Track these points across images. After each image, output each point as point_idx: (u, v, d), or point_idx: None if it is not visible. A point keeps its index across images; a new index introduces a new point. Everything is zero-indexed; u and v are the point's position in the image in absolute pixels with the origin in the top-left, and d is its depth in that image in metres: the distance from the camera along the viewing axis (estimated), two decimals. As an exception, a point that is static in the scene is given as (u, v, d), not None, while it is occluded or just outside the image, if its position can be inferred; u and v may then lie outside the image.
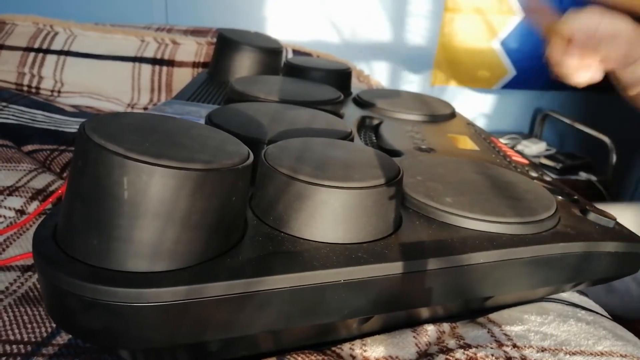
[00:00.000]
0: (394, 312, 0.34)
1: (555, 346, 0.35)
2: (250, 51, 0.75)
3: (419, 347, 0.35)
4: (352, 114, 0.60)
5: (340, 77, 0.71)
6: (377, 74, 1.76)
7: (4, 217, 0.49)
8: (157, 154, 0.25)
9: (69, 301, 0.25)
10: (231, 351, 0.31)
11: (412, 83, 1.83)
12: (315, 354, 0.33)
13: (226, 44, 0.76)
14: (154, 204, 0.24)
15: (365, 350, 0.34)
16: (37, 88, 0.92)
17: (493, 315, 0.39)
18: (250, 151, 0.30)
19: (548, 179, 0.49)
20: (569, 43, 0.53)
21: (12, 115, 0.72)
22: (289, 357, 0.32)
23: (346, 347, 0.35)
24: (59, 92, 0.92)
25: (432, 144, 0.52)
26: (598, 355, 0.34)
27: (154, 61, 0.95)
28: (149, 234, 0.25)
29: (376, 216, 0.31)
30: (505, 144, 0.59)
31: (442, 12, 1.72)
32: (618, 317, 0.42)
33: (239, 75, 0.74)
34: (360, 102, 0.65)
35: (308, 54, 1.06)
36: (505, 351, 0.34)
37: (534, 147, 1.74)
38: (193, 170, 0.25)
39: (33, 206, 0.51)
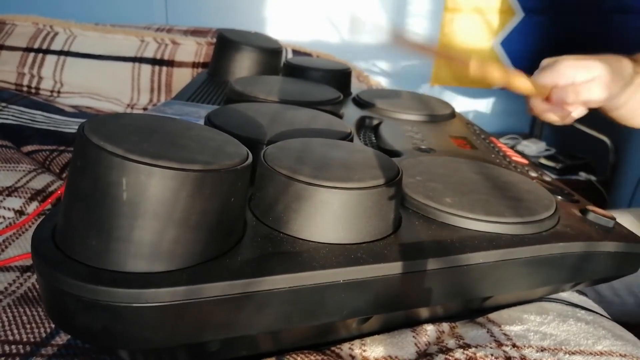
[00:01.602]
0: (393, 312, 0.34)
1: (555, 346, 0.35)
2: (250, 51, 0.75)
3: (418, 347, 0.35)
4: (351, 114, 0.60)
5: (340, 78, 0.71)
6: (377, 74, 1.76)
7: (3, 217, 0.49)
8: (156, 154, 0.25)
9: (68, 302, 0.25)
10: (230, 351, 0.31)
11: (412, 83, 1.82)
12: (314, 354, 0.33)
13: (226, 44, 0.76)
14: (153, 205, 0.24)
15: (364, 350, 0.34)
16: (37, 88, 0.92)
17: (492, 315, 0.39)
18: (249, 152, 0.30)
19: (548, 179, 0.49)
20: (548, 101, 0.54)
21: (12, 115, 0.72)
22: (288, 357, 0.32)
23: (345, 347, 0.35)
24: (59, 92, 0.92)
25: (432, 144, 0.52)
26: (597, 354, 0.34)
27: (153, 61, 0.95)
28: (148, 235, 0.25)
29: (376, 216, 0.31)
30: (505, 144, 0.59)
31: (442, 12, 1.71)
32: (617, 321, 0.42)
33: (239, 76, 0.74)
34: (360, 102, 0.65)
35: (308, 54, 1.06)
36: (504, 351, 0.34)
37: (534, 147, 1.74)
38: (192, 171, 0.25)
39: (32, 207, 0.51)
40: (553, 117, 0.57)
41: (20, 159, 0.59)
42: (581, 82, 0.54)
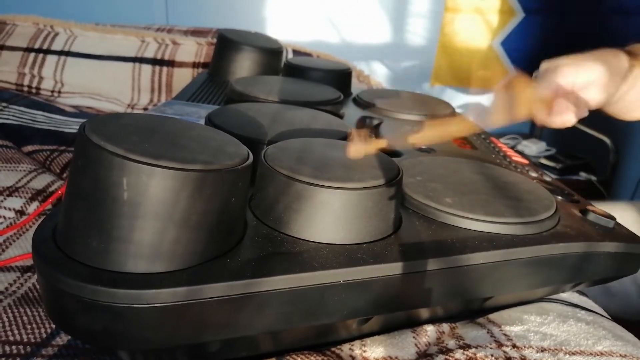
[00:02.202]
0: (393, 313, 0.34)
1: (555, 346, 0.35)
2: (250, 51, 0.75)
3: (418, 348, 0.35)
4: (352, 114, 0.60)
5: (340, 78, 0.71)
6: (377, 74, 1.76)
7: (4, 217, 0.49)
8: (157, 154, 0.25)
9: (69, 302, 0.25)
10: (231, 352, 0.31)
11: (412, 83, 1.82)
12: (314, 355, 0.33)
13: (226, 44, 0.76)
14: (153, 205, 0.24)
15: (364, 351, 0.34)
16: (38, 88, 0.92)
17: (493, 316, 0.39)
18: (250, 152, 0.30)
19: (548, 179, 0.49)
20: (550, 108, 0.54)
21: (13, 115, 0.72)
22: (288, 357, 0.32)
23: (346, 347, 0.35)
24: (59, 92, 0.92)
25: (432, 144, 0.52)
26: (598, 355, 0.34)
27: (154, 61, 0.95)
28: (149, 235, 0.25)
29: (376, 217, 0.31)
30: (505, 144, 0.59)
31: (442, 12, 1.71)
32: (618, 320, 0.42)
33: (239, 76, 0.74)
34: (360, 102, 0.65)
35: (308, 54, 1.06)
36: (504, 351, 0.34)
37: (534, 147, 1.73)
38: (193, 171, 0.25)
39: (33, 207, 0.51)
40: (554, 123, 0.57)
41: (21, 159, 0.59)
42: (581, 86, 0.54)
